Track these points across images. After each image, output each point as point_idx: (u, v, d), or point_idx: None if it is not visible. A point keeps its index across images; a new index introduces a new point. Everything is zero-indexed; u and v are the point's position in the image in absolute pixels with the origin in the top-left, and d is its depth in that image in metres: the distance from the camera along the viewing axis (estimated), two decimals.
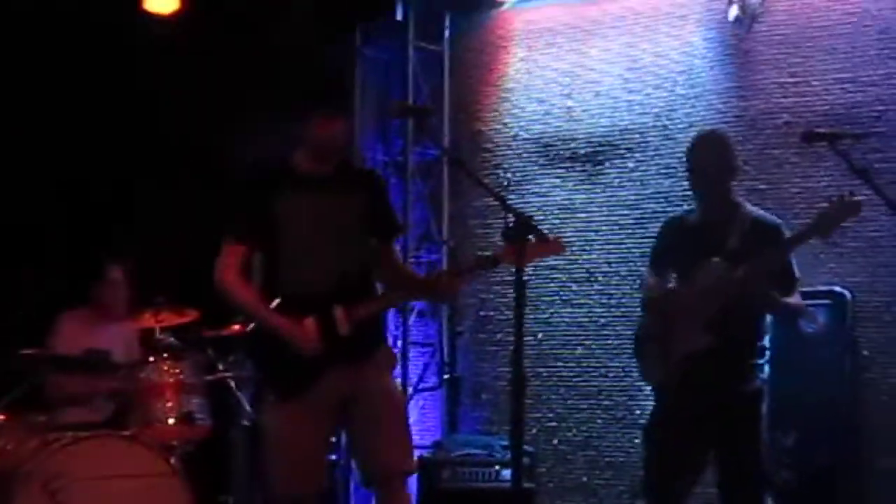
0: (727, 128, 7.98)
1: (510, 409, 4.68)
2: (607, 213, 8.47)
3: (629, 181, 8.44)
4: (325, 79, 5.81)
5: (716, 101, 8.16)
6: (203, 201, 8.37)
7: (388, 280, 5.67)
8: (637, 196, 8.39)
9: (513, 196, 8.37)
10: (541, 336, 8.58)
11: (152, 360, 7.20)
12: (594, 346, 8.49)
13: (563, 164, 8.70)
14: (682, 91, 8.31)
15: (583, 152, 8.63)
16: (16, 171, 8.21)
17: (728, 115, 8.11)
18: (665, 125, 8.30)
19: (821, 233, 5.83)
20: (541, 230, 4.86)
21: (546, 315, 8.59)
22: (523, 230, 4.84)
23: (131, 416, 7.08)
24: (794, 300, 6.10)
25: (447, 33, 9.13)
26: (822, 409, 7.27)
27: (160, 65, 8.29)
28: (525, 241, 4.91)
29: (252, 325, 5.68)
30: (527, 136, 8.84)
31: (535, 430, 8.41)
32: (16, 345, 7.17)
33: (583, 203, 8.58)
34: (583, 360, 8.52)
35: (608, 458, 8.33)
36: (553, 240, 5.30)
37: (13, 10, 8.08)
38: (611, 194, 8.50)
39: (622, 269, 8.37)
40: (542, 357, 8.55)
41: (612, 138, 8.53)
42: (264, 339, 5.47)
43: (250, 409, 7.48)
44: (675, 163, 8.14)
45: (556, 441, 8.50)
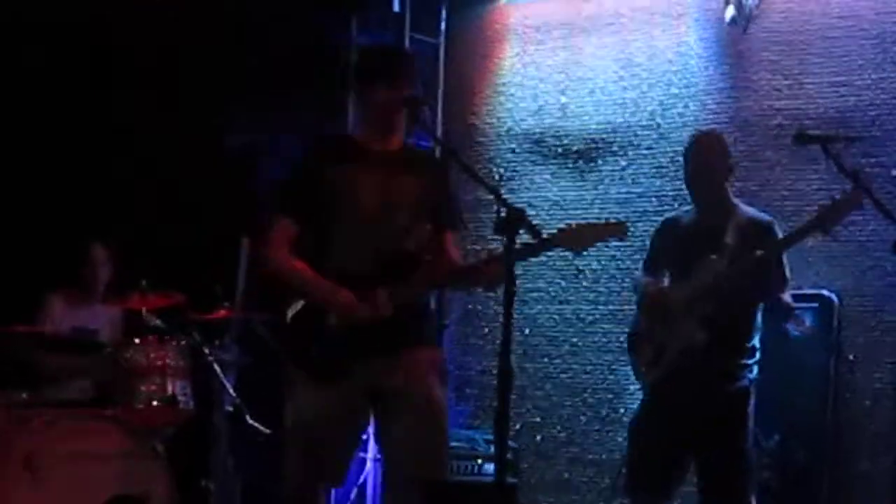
0: (720, 128, 7.96)
1: (495, 403, 4.65)
2: (598, 210, 8.44)
3: (621, 179, 8.44)
4: (389, 48, 5.66)
5: (709, 101, 8.16)
6: (192, 185, 8.40)
7: (441, 268, 5.40)
8: (628, 194, 8.39)
9: (504, 191, 8.35)
10: (528, 332, 8.57)
11: (137, 341, 7.19)
12: (580, 344, 8.49)
13: (555, 160, 8.69)
14: (677, 90, 8.30)
15: (575, 149, 8.63)
16: (2, 151, 8.19)
17: (721, 115, 8.11)
18: (658, 124, 8.29)
19: (824, 227, 5.87)
20: (533, 224, 4.82)
21: (534, 311, 8.59)
22: (515, 223, 4.80)
23: (114, 396, 7.07)
24: (785, 299, 6.15)
25: (443, 26, 9.11)
26: (805, 412, 7.28)
27: (151, 46, 8.28)
28: (515, 234, 4.83)
29: (283, 305, 5.40)
30: (520, 131, 8.84)
31: (518, 426, 8.39)
32: (1, 323, 7.17)
33: (574, 200, 8.57)
34: (569, 357, 8.52)
35: (591, 456, 8.32)
36: (615, 222, 5.19)
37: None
38: (602, 192, 8.50)
39: (611, 266, 8.36)
40: (529, 353, 8.54)
41: (605, 136, 8.53)
42: (303, 317, 5.27)
43: (234, 394, 7.47)
44: (667, 162, 8.16)
45: (539, 437, 8.49)
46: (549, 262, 8.44)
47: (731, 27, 8.08)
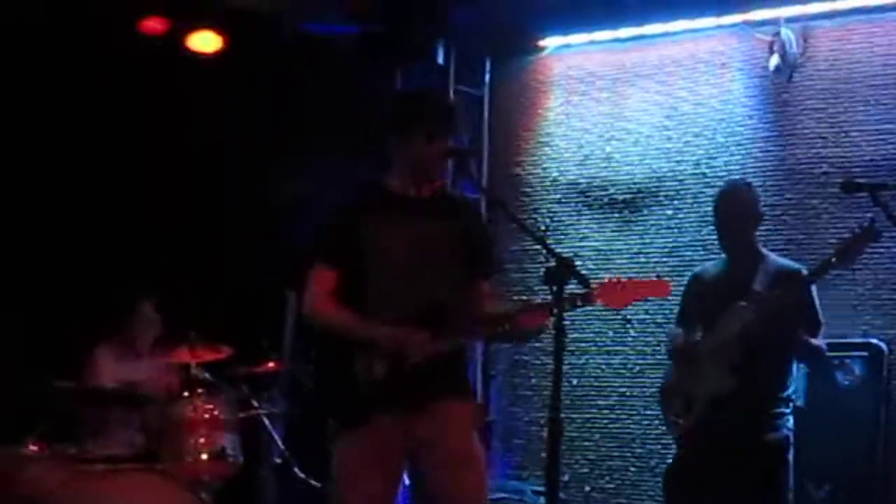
0: (766, 176, 8.01)
1: (543, 454, 4.64)
2: (644, 259, 8.43)
3: (667, 228, 8.41)
4: (426, 93, 5.59)
5: (755, 149, 8.14)
6: (240, 239, 8.44)
7: (474, 318, 5.37)
8: (675, 244, 8.36)
9: (550, 241, 8.34)
10: (576, 382, 8.54)
11: (186, 394, 7.21)
12: (629, 394, 8.44)
13: (600, 210, 8.68)
14: (722, 139, 8.28)
15: (621, 198, 8.62)
16: (52, 203, 8.25)
17: (767, 163, 8.08)
18: (704, 173, 8.27)
19: (842, 262, 5.88)
20: (582, 274, 4.81)
21: (581, 361, 8.55)
22: (564, 273, 4.78)
23: (163, 450, 7.07)
24: (818, 342, 6.15)
25: (487, 77, 9.14)
26: (855, 461, 7.20)
27: (201, 102, 8.34)
28: (564, 284, 4.82)
29: (319, 359, 5.42)
30: (565, 181, 8.84)
31: (567, 477, 8.36)
32: (48, 376, 7.20)
33: (620, 249, 8.56)
34: (617, 407, 8.47)
35: None
36: (657, 279, 5.22)
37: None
38: (648, 241, 8.48)
39: (658, 316, 8.31)
40: (577, 403, 8.51)
41: (650, 185, 8.51)
42: (332, 366, 5.25)
43: (282, 446, 7.47)
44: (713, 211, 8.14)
45: (588, 488, 8.45)
46: (596, 311, 8.41)
47: (775, 75, 8.06)
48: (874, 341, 7.49)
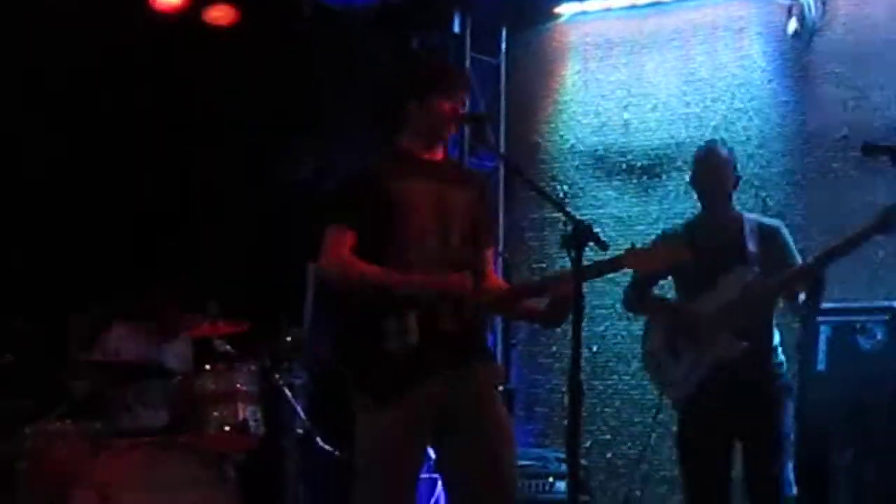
0: (786, 141, 7.99)
1: (565, 421, 4.63)
2: (663, 225, 8.34)
3: (686, 194, 8.34)
4: (444, 60, 5.53)
5: (773, 114, 8.12)
6: (261, 211, 8.45)
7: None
8: (693, 209, 8.26)
9: (568, 208, 8.31)
10: (596, 349, 8.55)
11: (208, 367, 7.22)
12: None
13: (619, 177, 8.67)
14: (740, 105, 8.26)
15: (639, 165, 8.61)
16: (72, 181, 8.27)
17: (786, 128, 8.07)
18: (723, 138, 8.21)
19: (847, 251, 5.92)
20: (600, 238, 4.77)
21: (601, 328, 8.56)
22: (583, 238, 4.75)
23: (186, 423, 7.09)
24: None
25: (504, 46, 9.12)
26: (878, 427, 7.19)
27: (219, 75, 8.33)
28: (583, 248, 4.77)
29: (342, 326, 5.22)
30: (583, 149, 8.82)
31: (589, 444, 8.37)
32: (71, 352, 7.23)
33: (638, 216, 8.55)
34: (638, 374, 8.45)
35: (663, 472, 8.26)
36: (678, 244, 5.18)
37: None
38: (667, 207, 8.47)
39: None
40: (597, 370, 8.52)
41: (668, 151, 8.50)
42: (358, 338, 5.11)
43: (304, 418, 7.48)
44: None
45: (609, 454, 8.47)
46: (615, 278, 8.35)
47: (794, 40, 8.04)
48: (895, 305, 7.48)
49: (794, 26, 7.98)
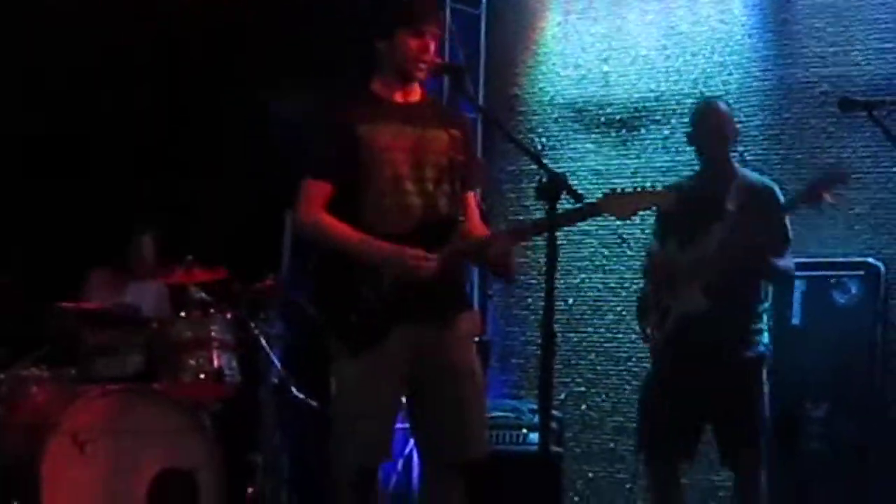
0: (764, 96, 7.98)
1: (539, 373, 4.64)
2: (641, 179, 8.36)
3: (664, 148, 8.38)
4: None
5: (754, 68, 8.09)
6: (237, 159, 8.41)
7: (468, 233, 5.29)
8: (672, 163, 8.31)
9: (546, 160, 8.28)
10: (571, 301, 8.55)
11: (183, 315, 7.21)
12: (625, 313, 8.42)
13: (597, 130, 8.64)
14: (720, 58, 8.22)
15: (618, 118, 8.58)
16: (49, 129, 8.22)
17: (766, 83, 8.04)
18: (702, 92, 8.21)
19: (809, 202, 5.96)
20: (575, 190, 4.75)
21: (577, 280, 8.56)
22: (557, 189, 4.73)
23: (161, 370, 7.09)
24: (784, 262, 6.22)
25: None
26: (852, 381, 7.23)
27: (199, 18, 8.27)
28: (557, 200, 4.73)
29: (319, 273, 5.24)
30: (562, 101, 8.78)
31: (563, 396, 8.39)
32: (47, 298, 7.21)
33: (617, 168, 8.52)
34: (613, 326, 8.48)
35: (636, 425, 8.28)
36: (660, 189, 5.12)
37: None
38: (645, 160, 8.45)
39: None
40: (573, 322, 8.52)
41: (647, 104, 8.47)
42: (335, 285, 5.13)
43: (280, 367, 7.48)
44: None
45: (584, 406, 8.48)
46: (592, 230, 8.41)
47: None
48: (871, 261, 7.49)
49: None
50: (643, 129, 8.48)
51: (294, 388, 7.49)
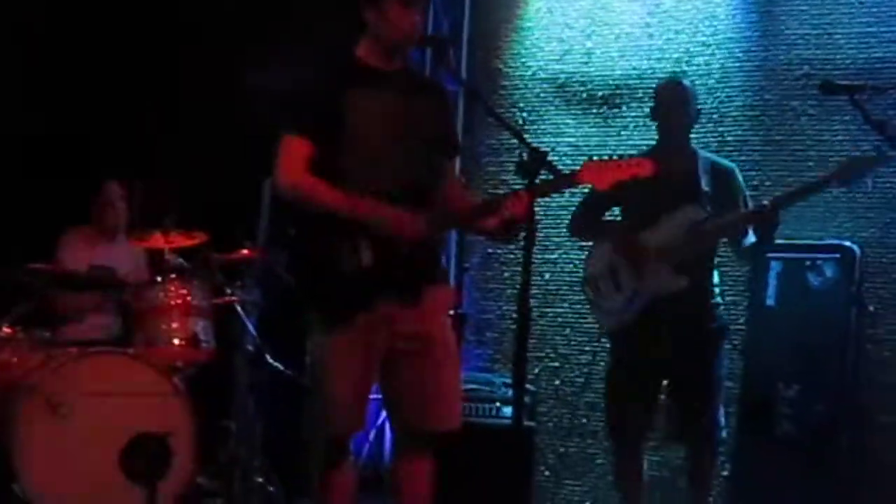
0: (746, 76, 7.99)
1: (514, 347, 4.66)
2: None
3: (644, 126, 8.33)
4: None
5: (736, 49, 8.09)
6: (215, 124, 8.38)
7: (447, 203, 5.32)
8: (652, 141, 8.26)
9: (527, 135, 8.30)
10: (548, 276, 8.56)
11: (160, 280, 7.21)
12: None
13: (579, 106, 8.64)
14: (703, 38, 8.22)
15: (600, 95, 8.57)
16: (25, 87, 8.18)
17: (748, 63, 8.04)
18: (684, 71, 8.21)
19: (810, 192, 6.22)
20: (554, 165, 4.76)
21: (554, 256, 8.56)
22: (537, 165, 4.74)
23: (136, 334, 7.09)
24: (749, 240, 6.32)
25: None
26: (825, 363, 7.26)
27: None
28: (536, 175, 4.74)
29: (297, 244, 5.25)
30: (544, 76, 8.77)
31: (537, 370, 8.41)
32: (21, 260, 7.19)
33: (597, 145, 8.50)
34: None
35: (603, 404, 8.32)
36: (641, 159, 5.09)
37: None
38: (626, 138, 8.45)
39: None
40: (549, 297, 8.53)
41: (629, 82, 8.47)
42: (312, 256, 5.13)
43: (255, 335, 7.48)
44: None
45: (558, 381, 8.50)
46: (570, 206, 8.40)
47: None
48: (846, 244, 7.51)
49: None
50: (624, 107, 8.48)
51: (269, 356, 7.50)
